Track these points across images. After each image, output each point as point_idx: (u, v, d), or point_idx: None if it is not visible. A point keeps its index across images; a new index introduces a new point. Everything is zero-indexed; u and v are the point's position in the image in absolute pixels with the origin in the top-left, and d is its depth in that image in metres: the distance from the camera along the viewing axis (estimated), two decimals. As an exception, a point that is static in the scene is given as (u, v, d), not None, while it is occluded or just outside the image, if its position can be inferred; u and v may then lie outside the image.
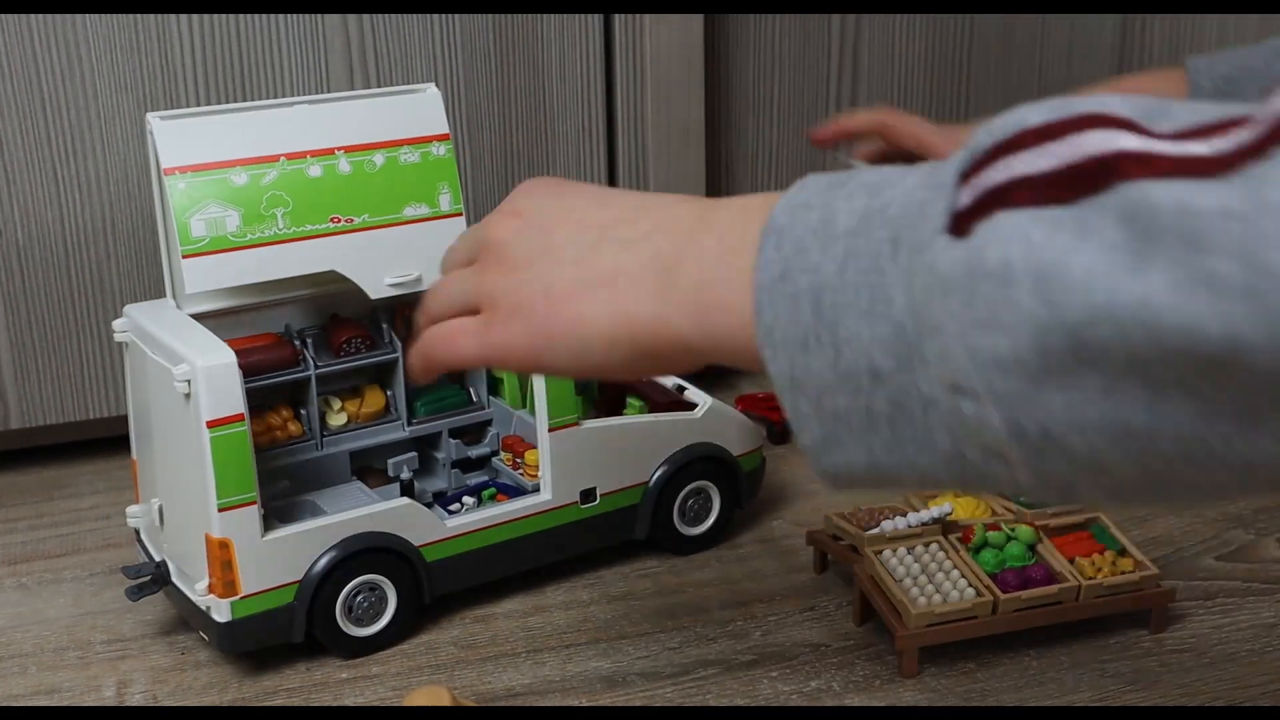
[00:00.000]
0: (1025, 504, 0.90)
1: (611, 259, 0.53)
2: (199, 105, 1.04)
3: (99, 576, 0.95)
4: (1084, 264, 0.37)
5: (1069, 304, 0.38)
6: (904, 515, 0.89)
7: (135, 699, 0.82)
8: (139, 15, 1.01)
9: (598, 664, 0.84)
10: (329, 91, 1.06)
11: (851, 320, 0.44)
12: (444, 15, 1.08)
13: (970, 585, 0.83)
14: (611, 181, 1.16)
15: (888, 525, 0.87)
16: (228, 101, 1.05)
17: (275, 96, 1.05)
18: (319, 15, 1.05)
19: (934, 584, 0.82)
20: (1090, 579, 0.83)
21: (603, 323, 0.52)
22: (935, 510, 0.88)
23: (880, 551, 0.85)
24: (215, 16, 1.03)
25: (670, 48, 1.12)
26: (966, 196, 0.41)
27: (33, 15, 0.99)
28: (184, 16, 1.02)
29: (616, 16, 1.12)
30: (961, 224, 0.40)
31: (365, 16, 1.06)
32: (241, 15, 1.03)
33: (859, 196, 0.45)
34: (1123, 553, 0.86)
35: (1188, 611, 0.87)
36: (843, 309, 0.44)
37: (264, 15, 1.03)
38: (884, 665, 0.83)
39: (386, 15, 1.06)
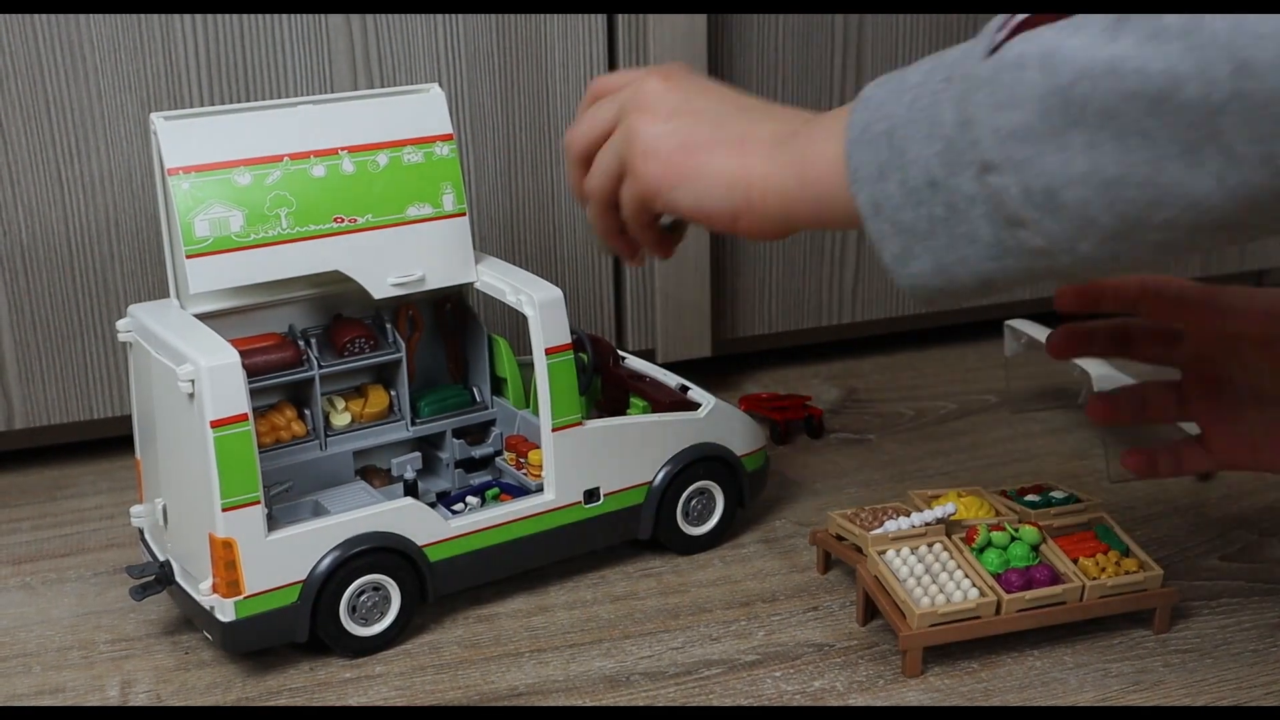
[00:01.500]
0: (1029, 504, 0.90)
1: (741, 128, 0.67)
2: (203, 105, 1.04)
3: (103, 576, 0.95)
4: (1075, 43, 0.51)
5: (1062, 70, 0.51)
6: (907, 515, 0.89)
7: (139, 699, 0.82)
8: (143, 15, 1.01)
9: (601, 664, 0.84)
10: (332, 92, 1.06)
11: (915, 145, 0.56)
12: (447, 15, 1.08)
13: (974, 585, 0.83)
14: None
15: (891, 525, 0.87)
16: (231, 102, 1.05)
17: (279, 97, 1.05)
18: (323, 16, 1.05)
19: (937, 584, 0.82)
20: (1094, 579, 0.83)
21: (725, 174, 0.66)
22: (939, 510, 0.88)
23: (884, 551, 0.85)
24: (219, 17, 1.03)
25: (673, 48, 1.12)
26: (1002, 34, 0.54)
27: (37, 15, 0.99)
28: (188, 17, 1.02)
29: (619, 16, 1.12)
30: (997, 50, 0.54)
31: (369, 17, 1.06)
32: (245, 15, 1.03)
33: (926, 61, 0.58)
34: (1127, 553, 0.86)
35: (1192, 611, 0.87)
36: (909, 139, 0.56)
37: (268, 15, 1.04)
38: (887, 665, 0.83)
39: (390, 15, 1.06)
